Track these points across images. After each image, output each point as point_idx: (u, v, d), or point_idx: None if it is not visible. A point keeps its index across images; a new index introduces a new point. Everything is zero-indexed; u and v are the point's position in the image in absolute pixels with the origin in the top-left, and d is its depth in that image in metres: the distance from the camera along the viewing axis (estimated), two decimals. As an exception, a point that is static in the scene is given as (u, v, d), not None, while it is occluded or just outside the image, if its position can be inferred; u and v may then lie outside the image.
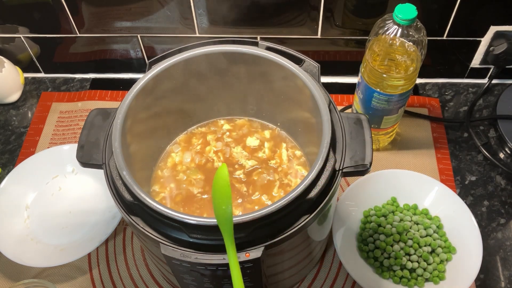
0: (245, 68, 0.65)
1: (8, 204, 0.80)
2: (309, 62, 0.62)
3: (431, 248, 0.73)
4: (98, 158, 0.57)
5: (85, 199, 0.82)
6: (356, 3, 0.84)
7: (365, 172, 0.55)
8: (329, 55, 0.95)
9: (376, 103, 0.77)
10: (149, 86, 0.61)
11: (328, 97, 0.59)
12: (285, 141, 0.72)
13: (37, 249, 0.76)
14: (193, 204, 0.66)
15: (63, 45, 0.97)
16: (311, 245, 0.64)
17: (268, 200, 0.66)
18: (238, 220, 0.48)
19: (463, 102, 0.95)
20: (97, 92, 0.99)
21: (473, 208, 0.81)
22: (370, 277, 0.71)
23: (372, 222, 0.76)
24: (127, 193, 0.52)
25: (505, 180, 0.84)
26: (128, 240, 0.79)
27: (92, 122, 0.60)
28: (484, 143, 0.88)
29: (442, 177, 0.84)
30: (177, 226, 0.50)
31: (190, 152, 0.71)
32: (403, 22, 0.68)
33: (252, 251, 0.50)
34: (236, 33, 0.90)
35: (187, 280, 0.57)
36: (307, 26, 0.89)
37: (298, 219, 0.52)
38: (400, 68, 0.72)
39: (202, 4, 0.85)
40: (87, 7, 0.88)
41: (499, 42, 0.89)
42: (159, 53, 0.92)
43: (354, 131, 0.58)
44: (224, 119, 0.75)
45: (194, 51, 0.63)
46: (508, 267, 0.75)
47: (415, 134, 0.90)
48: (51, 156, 0.85)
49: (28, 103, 0.99)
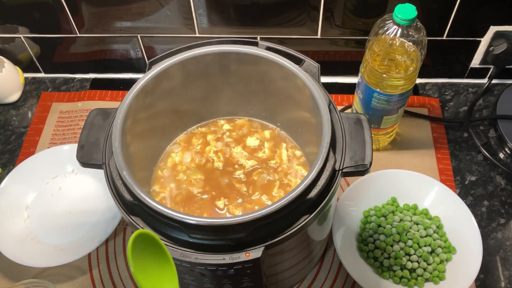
0: (245, 68, 0.65)
1: (8, 204, 0.80)
2: (309, 62, 0.62)
3: (431, 248, 0.73)
4: (98, 158, 0.57)
5: (85, 199, 0.82)
6: (356, 3, 0.84)
7: (365, 172, 0.55)
8: (329, 55, 0.95)
9: (376, 103, 0.77)
10: (149, 86, 0.61)
11: (328, 97, 0.59)
12: (285, 141, 0.72)
13: (37, 249, 0.76)
14: (193, 204, 0.66)
15: (63, 45, 0.97)
16: (311, 245, 0.64)
17: (268, 200, 0.66)
18: (238, 220, 0.48)
19: (463, 102, 0.95)
20: (97, 92, 0.99)
21: (473, 208, 0.81)
22: (370, 277, 0.71)
23: (372, 222, 0.76)
24: (127, 193, 0.52)
25: (505, 180, 0.84)
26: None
27: (92, 122, 0.60)
28: (484, 143, 0.88)
29: (442, 177, 0.84)
30: (177, 226, 0.50)
31: (190, 152, 0.71)
32: (403, 22, 0.68)
33: (252, 251, 0.50)
34: (236, 33, 0.90)
35: (187, 280, 0.57)
36: (307, 26, 0.89)
37: (298, 219, 0.52)
38: (400, 68, 0.72)
39: (202, 4, 0.85)
40: (87, 7, 0.88)
41: (499, 42, 0.89)
42: (159, 53, 0.92)
43: (354, 131, 0.58)
44: (224, 119, 0.75)
45: (194, 51, 0.63)
46: (508, 267, 0.75)
47: (415, 134, 0.90)
48: (51, 156, 0.85)
49: (28, 103, 0.99)
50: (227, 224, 0.48)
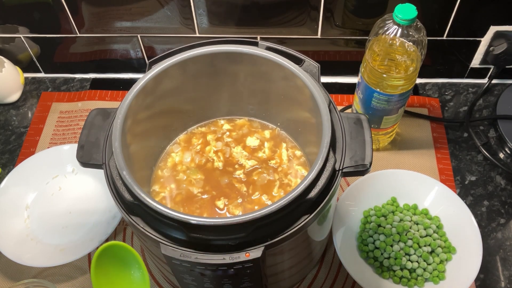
0: (245, 68, 0.65)
1: (8, 204, 0.80)
2: (309, 62, 0.62)
3: (431, 248, 0.73)
4: (98, 158, 0.57)
5: (85, 199, 0.82)
6: (356, 3, 0.84)
7: (365, 172, 0.55)
8: (329, 55, 0.95)
9: (376, 103, 0.77)
10: (149, 86, 0.61)
11: (328, 97, 0.59)
12: (285, 141, 0.72)
13: (37, 249, 0.76)
14: (193, 204, 0.66)
15: (63, 45, 0.97)
16: (311, 245, 0.64)
17: (268, 200, 0.66)
18: (238, 220, 0.48)
19: (463, 102, 0.95)
20: (97, 92, 0.99)
21: (473, 208, 0.81)
22: (370, 277, 0.71)
23: (372, 222, 0.76)
24: (127, 193, 0.52)
25: (505, 180, 0.84)
26: (128, 240, 0.79)
27: (92, 122, 0.60)
28: (484, 143, 0.88)
29: (442, 177, 0.84)
30: (177, 226, 0.50)
31: (190, 152, 0.71)
32: (403, 22, 0.68)
33: (252, 251, 0.50)
34: (236, 33, 0.91)
35: (187, 280, 0.57)
36: (307, 26, 0.89)
37: (298, 219, 0.52)
38: (400, 68, 0.72)
39: (202, 4, 0.85)
40: (87, 7, 0.88)
41: (499, 42, 0.89)
42: (159, 53, 0.92)
43: (354, 131, 0.58)
44: (224, 119, 0.75)
45: (194, 51, 0.63)
46: (508, 267, 0.75)
47: (415, 134, 0.90)
48: (51, 156, 0.85)
49: (28, 103, 0.99)
50: (227, 224, 0.48)
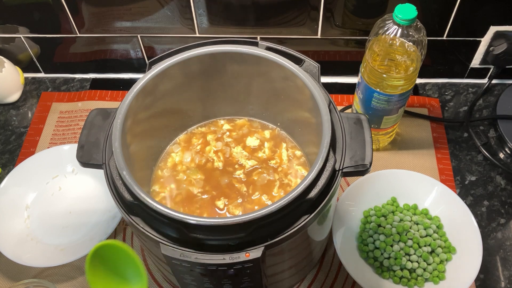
0: (245, 68, 0.65)
1: (8, 204, 0.80)
2: (309, 62, 0.62)
3: (431, 248, 0.73)
4: (98, 158, 0.57)
5: (85, 199, 0.82)
6: (356, 3, 0.84)
7: (365, 172, 0.55)
8: (329, 55, 0.95)
9: (376, 103, 0.77)
10: (149, 86, 0.61)
11: (328, 97, 0.59)
12: (285, 141, 0.72)
13: (37, 249, 0.76)
14: (193, 204, 0.66)
15: (63, 45, 0.97)
16: (311, 245, 0.64)
17: (268, 200, 0.66)
18: (238, 220, 0.48)
19: (463, 102, 0.95)
20: (97, 92, 0.99)
21: (473, 208, 0.81)
22: (370, 277, 0.71)
23: (372, 222, 0.76)
24: (127, 193, 0.52)
25: (505, 180, 0.84)
26: (128, 240, 0.79)
27: (92, 122, 0.60)
28: (484, 143, 0.88)
29: (442, 177, 0.84)
30: (177, 226, 0.50)
31: (190, 152, 0.71)
32: (403, 22, 0.68)
33: (252, 251, 0.50)
34: (236, 33, 0.90)
35: (187, 280, 0.57)
36: (307, 26, 0.89)
37: (298, 219, 0.52)
38: (400, 68, 0.72)
39: (202, 4, 0.85)
40: (87, 7, 0.88)
41: (499, 42, 0.89)
42: (159, 53, 0.92)
43: (354, 131, 0.58)
44: (224, 119, 0.75)
45: (194, 51, 0.63)
46: (508, 267, 0.75)
47: (415, 134, 0.90)
48: (51, 156, 0.85)
49: (28, 103, 0.99)
50: (227, 224, 0.48)
